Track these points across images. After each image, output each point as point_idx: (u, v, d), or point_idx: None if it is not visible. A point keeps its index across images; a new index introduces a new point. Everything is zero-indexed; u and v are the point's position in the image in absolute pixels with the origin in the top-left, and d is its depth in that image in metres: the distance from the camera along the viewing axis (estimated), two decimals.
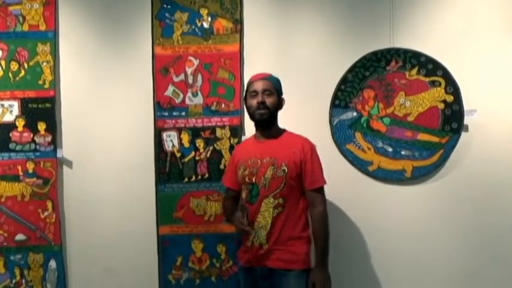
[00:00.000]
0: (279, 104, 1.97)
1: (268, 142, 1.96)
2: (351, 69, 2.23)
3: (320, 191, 1.93)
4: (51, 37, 2.34)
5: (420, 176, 2.20)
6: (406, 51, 2.19)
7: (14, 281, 2.35)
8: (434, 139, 2.17)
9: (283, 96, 2.00)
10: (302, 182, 1.91)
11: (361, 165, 2.24)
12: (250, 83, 1.99)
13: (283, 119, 2.01)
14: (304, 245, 1.89)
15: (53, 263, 2.35)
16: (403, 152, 2.20)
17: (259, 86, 1.93)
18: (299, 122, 2.23)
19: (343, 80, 2.23)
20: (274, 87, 1.95)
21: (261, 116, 1.92)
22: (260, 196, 1.90)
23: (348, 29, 2.27)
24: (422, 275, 2.21)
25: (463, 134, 2.16)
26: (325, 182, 1.93)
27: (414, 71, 2.18)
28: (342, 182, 2.24)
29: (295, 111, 2.24)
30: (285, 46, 2.30)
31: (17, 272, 2.34)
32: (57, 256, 2.34)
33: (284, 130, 2.01)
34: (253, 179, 1.91)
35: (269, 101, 1.92)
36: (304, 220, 1.92)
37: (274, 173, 1.88)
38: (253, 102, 1.93)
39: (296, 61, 2.28)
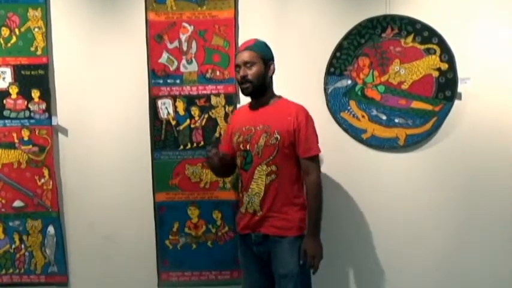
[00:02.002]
0: (266, 71, 1.92)
1: (262, 110, 1.96)
2: (346, 37, 2.21)
3: (313, 159, 1.91)
4: (42, 2, 2.29)
5: (413, 143, 2.22)
6: (401, 18, 2.17)
7: (13, 246, 2.40)
8: (428, 107, 2.18)
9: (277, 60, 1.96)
10: (296, 150, 1.90)
11: (355, 133, 2.26)
12: (236, 55, 1.99)
13: (278, 86, 2.00)
14: (298, 211, 1.90)
15: (51, 229, 2.39)
16: (396, 120, 2.22)
17: (240, 59, 1.91)
18: (294, 89, 2.23)
19: (339, 48, 2.22)
20: (257, 56, 1.90)
21: (245, 91, 1.93)
22: (253, 163, 1.91)
23: None
24: (415, 241, 2.27)
25: (457, 102, 2.17)
26: (318, 151, 1.92)
27: (410, 39, 2.17)
28: (335, 149, 2.27)
29: (290, 79, 2.24)
30: (280, 13, 2.27)
31: (16, 237, 2.39)
32: (55, 222, 2.38)
33: (279, 97, 1.99)
34: (247, 146, 1.93)
35: (251, 73, 1.89)
36: (298, 187, 1.93)
37: (267, 140, 1.88)
38: (238, 77, 1.93)
39: (291, 28, 2.26)
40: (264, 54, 1.92)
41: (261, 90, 1.94)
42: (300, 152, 1.90)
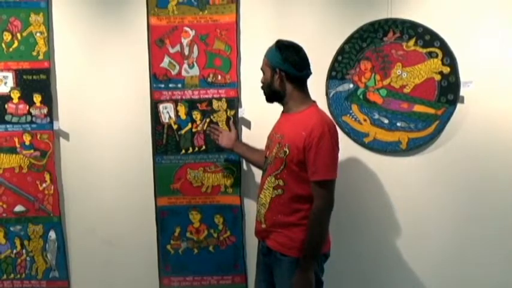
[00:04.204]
0: (273, 77, 1.81)
1: (285, 117, 1.88)
2: (348, 40, 2.21)
3: (320, 184, 1.70)
4: (44, 7, 2.30)
5: (415, 147, 2.21)
6: (403, 22, 2.16)
7: (14, 251, 2.39)
8: (430, 111, 2.17)
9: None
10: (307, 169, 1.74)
11: (357, 137, 2.25)
12: None
13: None
14: (302, 232, 1.75)
15: (52, 234, 2.39)
16: (398, 124, 2.21)
17: None
18: None
19: (340, 51, 2.22)
20: (266, 62, 1.86)
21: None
22: (266, 172, 1.86)
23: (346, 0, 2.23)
24: (417, 244, 2.26)
25: (459, 106, 2.16)
26: (327, 176, 1.70)
27: (411, 42, 2.17)
28: None
29: None
30: (281, 17, 2.27)
31: (18, 242, 2.38)
32: (57, 227, 2.38)
33: (311, 105, 1.83)
34: (267, 153, 1.89)
35: (261, 80, 1.90)
36: (308, 208, 1.75)
37: (277, 152, 1.79)
38: None
39: (293, 32, 2.24)
40: (270, 61, 1.83)
41: (274, 97, 1.87)
42: (308, 174, 1.73)
